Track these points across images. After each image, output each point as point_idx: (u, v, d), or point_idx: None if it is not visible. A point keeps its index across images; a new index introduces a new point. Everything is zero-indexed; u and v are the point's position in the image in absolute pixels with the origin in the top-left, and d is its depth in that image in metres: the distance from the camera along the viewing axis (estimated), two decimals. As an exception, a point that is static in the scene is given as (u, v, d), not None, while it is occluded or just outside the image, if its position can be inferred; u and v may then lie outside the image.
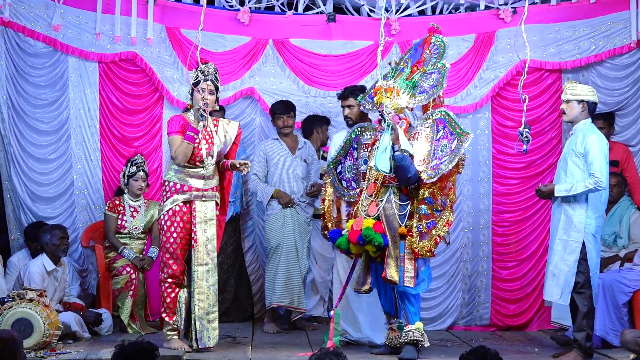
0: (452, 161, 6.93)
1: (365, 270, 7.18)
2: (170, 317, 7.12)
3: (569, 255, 7.19)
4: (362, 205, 7.18)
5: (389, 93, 7.11)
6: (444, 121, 7.11)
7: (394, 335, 7.25)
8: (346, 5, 9.42)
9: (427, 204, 7.02)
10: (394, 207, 7.09)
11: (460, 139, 6.95)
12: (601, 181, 7.10)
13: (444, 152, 7.01)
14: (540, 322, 8.89)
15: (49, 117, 8.95)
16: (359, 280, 7.19)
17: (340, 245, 7.13)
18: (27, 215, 8.83)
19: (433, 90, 7.16)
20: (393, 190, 7.13)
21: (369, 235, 6.90)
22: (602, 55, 8.93)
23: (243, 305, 9.12)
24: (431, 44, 7.42)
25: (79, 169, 9.00)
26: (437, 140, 7.08)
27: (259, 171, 8.69)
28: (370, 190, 7.16)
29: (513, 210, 9.15)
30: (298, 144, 8.75)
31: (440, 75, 7.19)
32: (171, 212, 7.07)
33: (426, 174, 6.99)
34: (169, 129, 7.16)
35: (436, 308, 9.09)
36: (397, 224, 7.05)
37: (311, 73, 9.27)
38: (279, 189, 8.59)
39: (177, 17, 9.12)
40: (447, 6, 9.40)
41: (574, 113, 7.34)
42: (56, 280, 7.87)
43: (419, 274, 7.04)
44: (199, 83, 7.12)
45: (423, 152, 7.07)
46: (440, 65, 7.26)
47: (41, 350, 6.93)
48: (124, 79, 9.08)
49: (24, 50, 8.82)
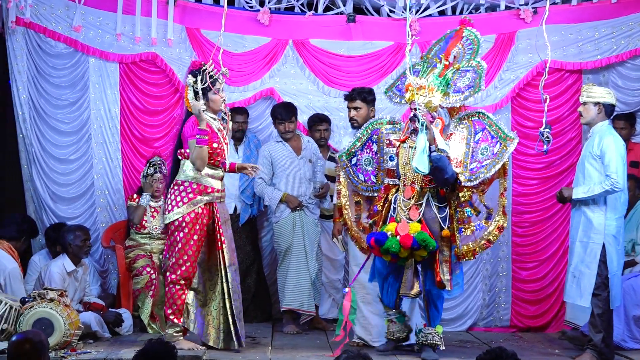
0: (495, 166, 6.89)
1: (412, 274, 7.07)
2: (179, 319, 7.09)
3: (589, 257, 7.17)
4: (401, 209, 7.10)
5: (422, 90, 7.07)
6: (482, 123, 7.07)
7: (395, 329, 7.22)
8: (366, 5, 9.41)
9: (470, 205, 7.00)
10: (434, 210, 7.07)
11: (505, 143, 6.90)
12: (618, 182, 7.09)
13: (484, 155, 6.95)
14: (560, 324, 8.82)
15: (70, 118, 9.00)
16: (406, 284, 7.06)
17: (390, 248, 6.90)
18: (48, 216, 8.88)
19: (470, 91, 7.11)
20: (431, 193, 7.09)
21: (425, 240, 6.83)
22: (623, 56, 8.89)
23: (262, 305, 9.12)
24: (463, 37, 7.35)
25: (99, 170, 9.05)
26: (475, 142, 7.03)
27: (265, 175, 8.65)
28: (407, 193, 7.09)
29: (533, 211, 9.12)
30: (302, 144, 8.72)
31: (477, 75, 7.12)
32: (193, 214, 7.00)
33: (464, 177, 6.95)
34: (190, 132, 7.02)
35: (456, 309, 9.06)
36: (437, 227, 7.02)
37: (331, 74, 9.26)
38: (287, 192, 8.58)
39: (197, 17, 9.14)
40: (468, 6, 9.37)
41: (590, 115, 7.34)
42: (76, 280, 7.90)
43: (453, 277, 7.04)
44: (215, 83, 7.09)
45: (459, 153, 7.02)
46: (476, 64, 7.20)
47: (62, 350, 6.96)
48: (145, 79, 9.11)
49: (45, 51, 8.87)
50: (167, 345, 4.97)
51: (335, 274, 8.94)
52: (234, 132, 8.95)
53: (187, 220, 7.00)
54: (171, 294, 7.07)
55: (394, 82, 7.69)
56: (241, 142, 9.05)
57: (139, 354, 4.82)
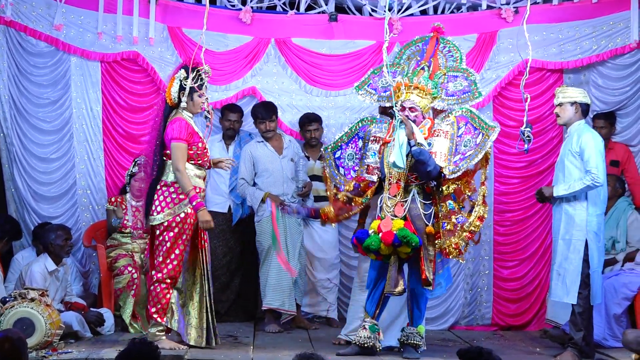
0: (477, 155, 6.93)
1: (397, 271, 7.06)
2: (162, 318, 7.07)
3: (573, 254, 7.21)
4: (386, 206, 7.12)
5: (417, 90, 7.12)
6: (465, 117, 7.13)
7: (364, 335, 7.12)
8: (348, 4, 9.41)
9: (453, 199, 7.01)
10: (419, 207, 7.08)
11: (486, 132, 6.95)
12: (598, 177, 7.15)
13: (467, 146, 7.01)
14: (541, 322, 8.86)
15: (51, 117, 8.97)
16: (391, 282, 7.03)
17: (370, 245, 6.95)
18: (30, 215, 8.85)
19: (464, 97, 7.22)
20: (417, 190, 7.11)
21: (406, 236, 6.84)
22: (604, 55, 8.91)
23: (246, 305, 9.11)
24: (440, 45, 7.44)
25: (81, 169, 9.02)
26: (458, 136, 7.08)
27: (247, 175, 8.68)
28: (393, 191, 7.11)
29: (514, 210, 9.16)
30: (284, 144, 8.73)
31: (470, 82, 7.26)
32: (183, 214, 7.00)
33: (448, 169, 6.97)
34: (174, 134, 6.97)
35: (438, 307, 9.08)
36: (422, 224, 7.03)
37: (313, 73, 9.26)
38: (269, 192, 8.58)
39: (179, 16, 9.12)
40: (449, 6, 9.39)
41: (567, 115, 7.41)
42: (58, 280, 7.87)
43: (435, 277, 7.04)
44: (202, 86, 7.09)
45: (444, 149, 7.06)
46: (464, 70, 7.34)
47: (43, 350, 6.93)
48: (127, 78, 9.09)
49: (26, 50, 8.83)
50: (150, 345, 4.96)
51: (324, 273, 8.94)
52: (225, 130, 8.95)
53: (177, 221, 6.99)
54: (156, 293, 7.05)
55: (365, 79, 7.69)
56: (232, 141, 9.03)
57: (122, 354, 4.81)
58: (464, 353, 4.69)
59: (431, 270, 7.00)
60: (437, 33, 7.49)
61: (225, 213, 8.95)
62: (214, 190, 9.00)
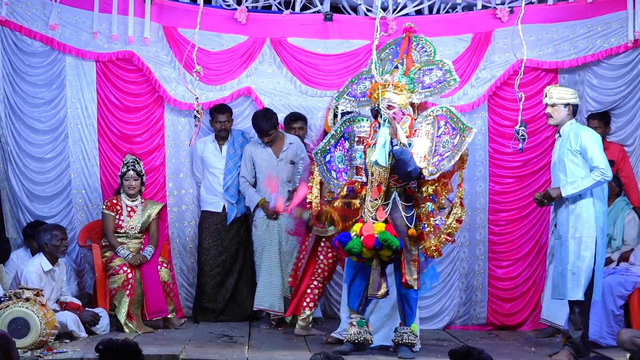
0: (454, 157, 6.94)
1: (379, 274, 7.09)
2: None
3: (585, 252, 7.18)
4: (368, 209, 7.14)
5: (393, 88, 7.11)
6: (445, 117, 7.13)
7: (353, 331, 7.18)
8: (343, 4, 9.41)
9: (432, 201, 7.03)
10: (401, 210, 7.09)
11: (463, 134, 6.96)
12: (607, 171, 7.16)
13: (445, 147, 7.02)
14: (535, 321, 8.87)
15: (46, 116, 8.95)
16: (373, 285, 7.07)
17: (352, 249, 6.99)
18: (24, 215, 8.85)
19: (440, 87, 7.23)
20: (398, 192, 7.12)
21: (387, 240, 6.86)
22: (599, 55, 8.92)
23: (242, 304, 9.10)
24: (413, 43, 7.44)
25: (76, 168, 9.01)
26: (438, 136, 7.09)
27: (247, 174, 8.76)
28: (374, 194, 7.12)
29: (509, 209, 9.16)
30: (283, 146, 8.74)
31: (445, 71, 7.25)
32: None
33: (427, 171, 6.99)
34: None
35: (433, 307, 9.09)
36: (404, 226, 7.05)
37: (308, 72, 9.25)
38: (264, 198, 8.63)
39: (174, 16, 9.10)
40: (444, 5, 9.39)
41: (561, 116, 7.40)
42: (53, 280, 7.87)
43: (420, 276, 7.06)
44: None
45: (424, 149, 7.07)
46: (439, 62, 7.32)
47: (38, 350, 6.95)
48: (122, 77, 9.07)
49: (21, 50, 8.82)
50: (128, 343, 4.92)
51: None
52: (218, 132, 8.95)
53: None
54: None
55: (343, 89, 7.70)
56: (225, 141, 9.03)
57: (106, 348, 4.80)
58: (455, 353, 4.71)
59: (414, 272, 7.02)
60: (409, 32, 7.50)
61: (220, 213, 8.95)
62: (208, 190, 9.02)
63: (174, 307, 8.60)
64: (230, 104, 9.15)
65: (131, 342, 4.89)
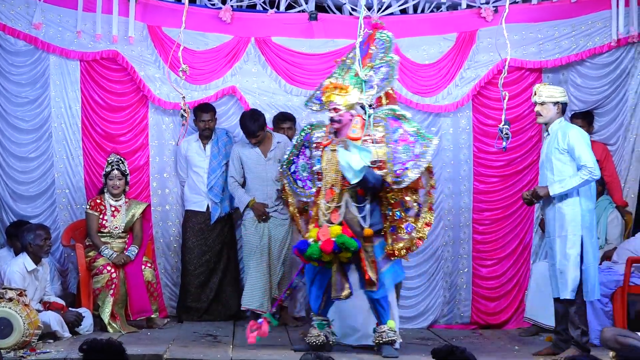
0: (419, 167, 6.97)
1: (341, 276, 7.14)
2: None
3: (570, 250, 7.18)
4: (322, 213, 7.17)
5: (338, 90, 7.14)
6: (398, 120, 7.14)
7: (313, 334, 7.25)
8: (328, 3, 9.41)
9: (401, 207, 7.04)
10: (353, 211, 7.10)
11: (425, 143, 6.98)
12: (595, 170, 7.16)
13: (407, 155, 7.02)
14: (519, 320, 8.90)
15: (30, 116, 8.92)
16: (336, 287, 7.13)
17: (312, 255, 7.01)
18: (8, 215, 8.83)
19: (384, 84, 7.24)
20: (350, 194, 7.13)
21: (345, 242, 6.89)
22: (583, 55, 8.96)
23: (227, 303, 9.09)
24: (375, 39, 7.44)
25: (60, 168, 8.98)
26: (394, 141, 7.08)
27: (235, 174, 8.75)
28: (328, 197, 7.16)
29: (493, 209, 9.18)
30: (271, 146, 8.73)
31: (390, 68, 7.25)
32: None
33: (391, 178, 7.00)
34: None
35: (417, 306, 9.10)
36: (358, 227, 7.07)
37: (293, 72, 9.23)
38: (254, 199, 8.65)
39: (159, 15, 9.08)
40: (429, 5, 9.40)
41: (550, 114, 7.39)
42: (37, 279, 7.84)
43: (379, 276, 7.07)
44: None
45: (381, 154, 7.06)
46: (389, 59, 7.32)
47: (21, 350, 6.93)
48: (106, 77, 9.05)
49: (5, 49, 8.80)
50: (112, 342, 4.92)
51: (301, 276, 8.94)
52: (202, 131, 8.94)
53: None
54: None
55: (312, 94, 7.73)
56: (209, 140, 9.02)
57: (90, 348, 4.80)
58: (437, 352, 4.72)
59: (374, 271, 7.05)
60: (376, 29, 7.51)
61: (204, 212, 8.95)
62: (192, 189, 9.01)
63: (157, 307, 8.59)
64: (215, 103, 9.13)
65: (115, 342, 4.89)
